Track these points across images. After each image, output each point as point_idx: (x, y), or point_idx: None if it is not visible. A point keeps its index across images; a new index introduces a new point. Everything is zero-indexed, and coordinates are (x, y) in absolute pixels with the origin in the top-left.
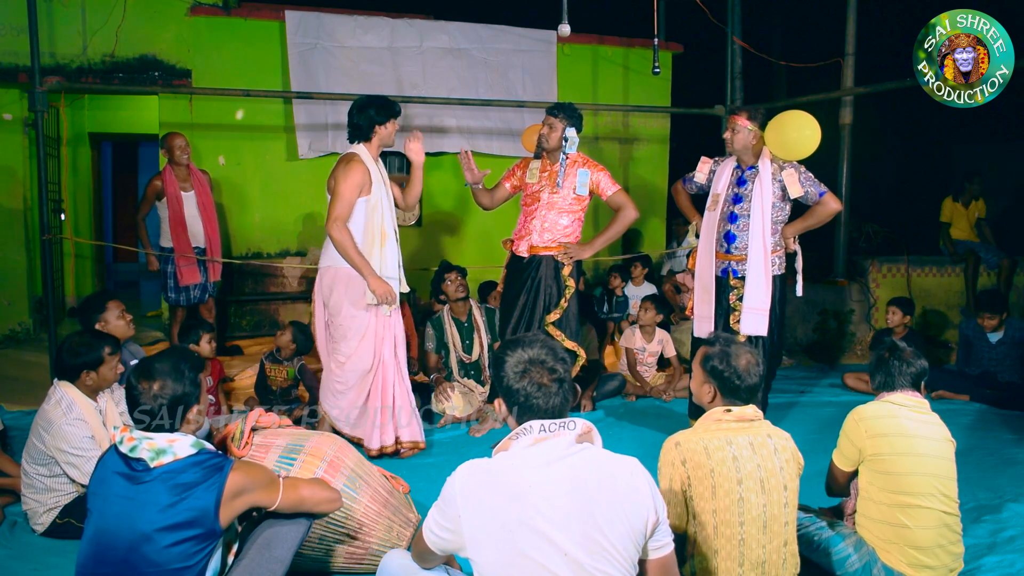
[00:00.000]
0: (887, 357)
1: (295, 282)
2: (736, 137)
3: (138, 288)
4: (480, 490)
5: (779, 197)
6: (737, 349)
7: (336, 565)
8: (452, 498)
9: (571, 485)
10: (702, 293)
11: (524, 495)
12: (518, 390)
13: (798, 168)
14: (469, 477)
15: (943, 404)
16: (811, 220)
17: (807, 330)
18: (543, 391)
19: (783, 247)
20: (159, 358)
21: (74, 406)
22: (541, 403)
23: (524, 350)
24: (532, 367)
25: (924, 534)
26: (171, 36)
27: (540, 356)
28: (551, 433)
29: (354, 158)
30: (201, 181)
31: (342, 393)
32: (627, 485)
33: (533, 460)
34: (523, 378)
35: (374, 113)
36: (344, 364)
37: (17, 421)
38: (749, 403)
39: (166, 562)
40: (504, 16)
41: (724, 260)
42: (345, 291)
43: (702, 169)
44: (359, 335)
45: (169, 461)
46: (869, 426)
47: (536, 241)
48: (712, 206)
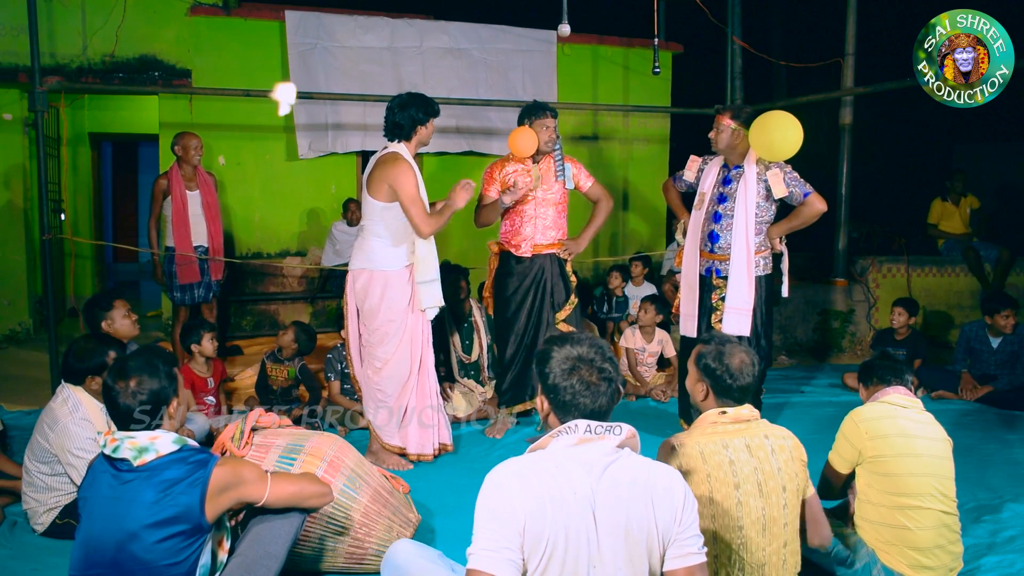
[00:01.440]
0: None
1: (295, 282)
2: (720, 136)
3: (138, 288)
4: (534, 484)
5: (764, 197)
6: (732, 348)
7: (336, 565)
8: (510, 509)
9: (610, 489)
10: (687, 292)
11: (567, 493)
12: (565, 387)
13: (783, 168)
14: (519, 476)
15: (943, 404)
16: (796, 221)
17: (807, 330)
18: (591, 390)
19: (769, 247)
20: (132, 357)
21: (80, 406)
22: (588, 402)
23: (573, 347)
24: (581, 364)
25: (924, 535)
26: (171, 36)
27: (589, 354)
28: (596, 436)
29: (400, 157)
30: (207, 182)
31: (383, 402)
32: (659, 492)
33: (576, 463)
34: (571, 375)
35: (415, 112)
36: (381, 370)
37: (17, 421)
38: (743, 403)
39: (154, 559)
40: (504, 16)
41: (708, 259)
42: (382, 293)
43: (691, 167)
44: (397, 338)
45: (152, 458)
46: (869, 427)
47: (540, 240)
48: (698, 205)
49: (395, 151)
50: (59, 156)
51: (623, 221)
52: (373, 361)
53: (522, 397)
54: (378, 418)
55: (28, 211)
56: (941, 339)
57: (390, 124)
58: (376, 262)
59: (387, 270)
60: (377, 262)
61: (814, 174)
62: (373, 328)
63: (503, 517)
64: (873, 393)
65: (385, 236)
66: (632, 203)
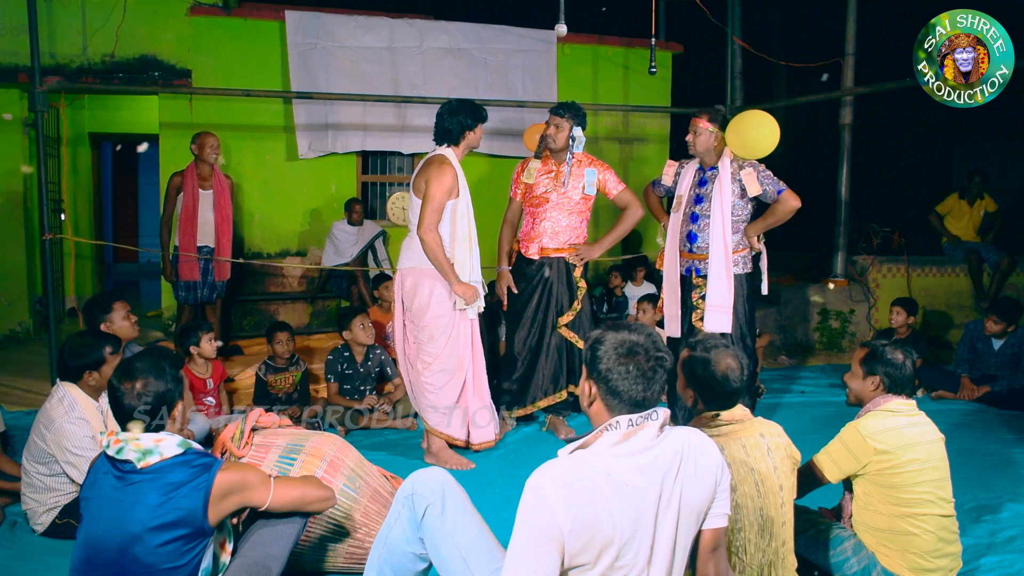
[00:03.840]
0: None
1: (295, 282)
2: (698, 140)
3: (138, 288)
4: (579, 496)
5: (739, 196)
6: (717, 354)
7: (336, 565)
8: (551, 515)
9: (662, 475)
10: (669, 292)
11: (618, 494)
12: (619, 373)
13: (756, 167)
14: (563, 486)
15: (943, 404)
16: (771, 218)
17: (807, 330)
18: (646, 377)
19: (747, 246)
20: (138, 358)
21: (76, 405)
22: (640, 389)
23: (630, 333)
24: (638, 350)
25: (925, 538)
26: (171, 36)
27: (645, 342)
28: (637, 426)
29: (446, 161)
30: (222, 183)
31: (434, 394)
32: (704, 469)
33: (623, 461)
34: (627, 360)
35: (464, 118)
36: (431, 364)
37: (17, 421)
38: (732, 406)
39: (157, 562)
40: (504, 16)
41: (688, 259)
42: (431, 292)
43: (667, 172)
44: (446, 335)
45: (156, 461)
46: (878, 441)
47: (547, 243)
48: (676, 207)
49: (442, 154)
50: (59, 156)
51: None
52: (424, 357)
53: (523, 401)
54: (431, 417)
55: (28, 211)
56: (941, 339)
57: (439, 129)
58: (424, 261)
59: (434, 268)
60: (425, 261)
61: (814, 174)
62: (423, 326)
63: (545, 535)
64: (872, 389)
65: None
66: None
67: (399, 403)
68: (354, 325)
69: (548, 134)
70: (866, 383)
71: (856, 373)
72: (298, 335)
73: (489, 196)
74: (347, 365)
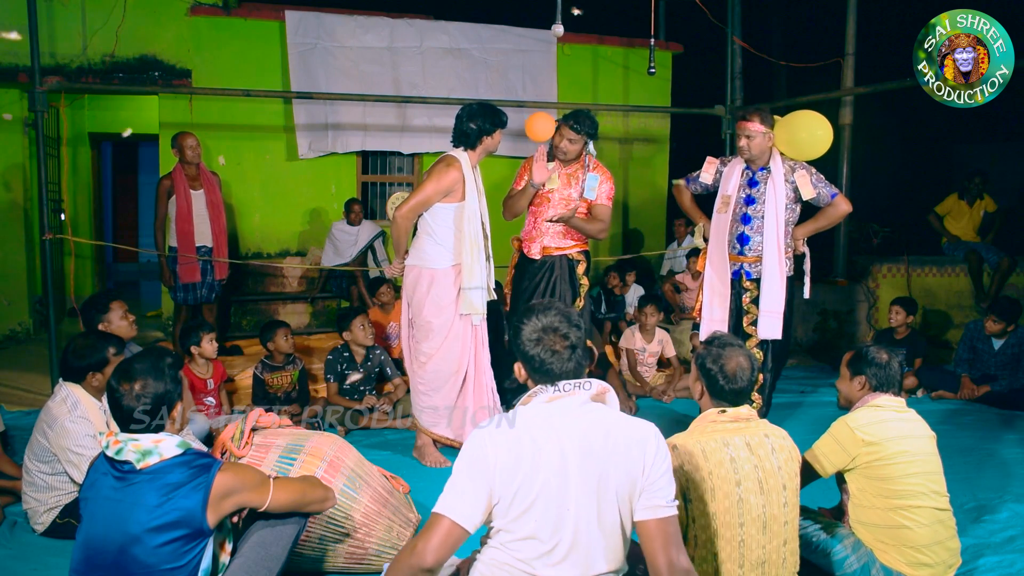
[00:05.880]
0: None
1: (295, 282)
2: (752, 143)
3: (138, 288)
4: (510, 439)
5: (791, 199)
6: (731, 352)
7: (336, 565)
8: (484, 462)
9: (581, 440)
10: (714, 297)
11: (541, 446)
12: (533, 356)
13: (809, 169)
14: (497, 432)
15: (943, 404)
16: (822, 222)
17: (807, 330)
18: (556, 357)
19: (792, 248)
20: (138, 358)
21: (79, 404)
22: (556, 368)
23: (539, 318)
24: (546, 335)
25: (921, 532)
26: (171, 36)
27: (554, 323)
28: (566, 392)
29: (453, 162)
30: (211, 181)
31: (425, 394)
32: (631, 444)
33: (548, 419)
34: (538, 345)
35: (482, 122)
36: (425, 364)
37: (17, 421)
38: (739, 404)
39: (156, 563)
40: (504, 16)
41: (737, 262)
42: (428, 291)
43: (708, 170)
44: (442, 336)
45: (155, 462)
46: (866, 433)
47: (549, 243)
48: (722, 208)
49: (452, 155)
50: (59, 156)
51: (623, 221)
52: (419, 355)
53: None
54: (423, 416)
55: (28, 211)
56: (941, 339)
57: (457, 132)
58: (425, 259)
59: (434, 268)
60: (426, 259)
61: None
62: (419, 323)
63: (477, 468)
64: (859, 390)
65: (435, 235)
66: (632, 203)
67: (399, 403)
68: (354, 326)
69: (562, 147)
70: (853, 384)
71: (843, 375)
72: (298, 335)
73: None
74: (347, 365)
